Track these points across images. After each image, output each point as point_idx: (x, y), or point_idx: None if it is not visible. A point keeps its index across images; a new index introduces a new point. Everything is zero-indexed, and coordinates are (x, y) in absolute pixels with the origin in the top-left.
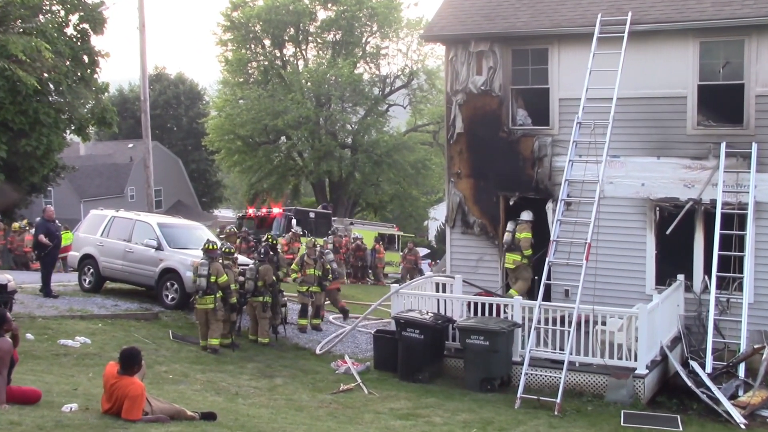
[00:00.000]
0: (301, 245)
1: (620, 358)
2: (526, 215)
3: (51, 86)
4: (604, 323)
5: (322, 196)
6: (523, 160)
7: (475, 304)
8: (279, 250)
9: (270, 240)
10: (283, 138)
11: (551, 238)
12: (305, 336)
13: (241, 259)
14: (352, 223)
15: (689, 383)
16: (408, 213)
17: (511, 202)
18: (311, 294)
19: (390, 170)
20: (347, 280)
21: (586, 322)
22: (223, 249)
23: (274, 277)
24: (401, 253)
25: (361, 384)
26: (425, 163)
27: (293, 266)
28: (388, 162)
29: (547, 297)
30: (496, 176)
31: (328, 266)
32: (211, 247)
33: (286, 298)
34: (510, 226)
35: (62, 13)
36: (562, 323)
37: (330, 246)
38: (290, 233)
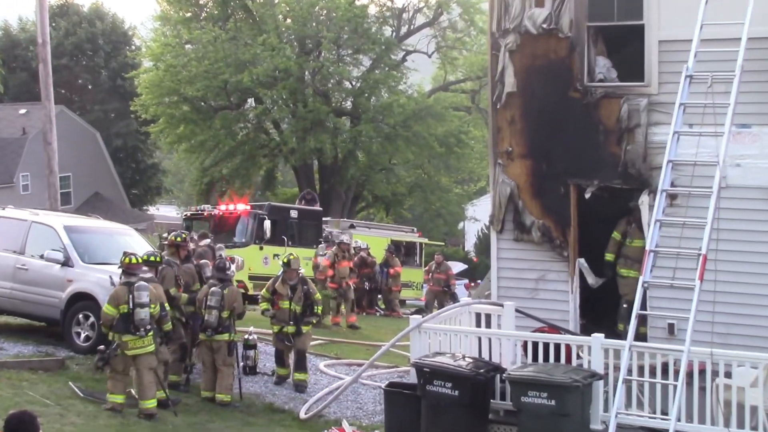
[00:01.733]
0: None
1: (754, 428)
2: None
3: None
4: (728, 375)
5: (308, 185)
6: (605, 133)
7: (535, 344)
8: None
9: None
10: (250, 101)
11: (647, 247)
12: (283, 391)
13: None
14: (352, 226)
15: None
16: (435, 211)
17: (586, 195)
18: (287, 337)
19: (408, 148)
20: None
21: (701, 372)
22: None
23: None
24: (425, 270)
25: None
26: (460, 138)
27: (263, 292)
28: (406, 136)
29: (641, 336)
30: (564, 156)
31: (313, 297)
32: (154, 259)
33: (254, 336)
34: (622, 226)
35: None
36: (665, 374)
37: (321, 258)
38: (337, 245)
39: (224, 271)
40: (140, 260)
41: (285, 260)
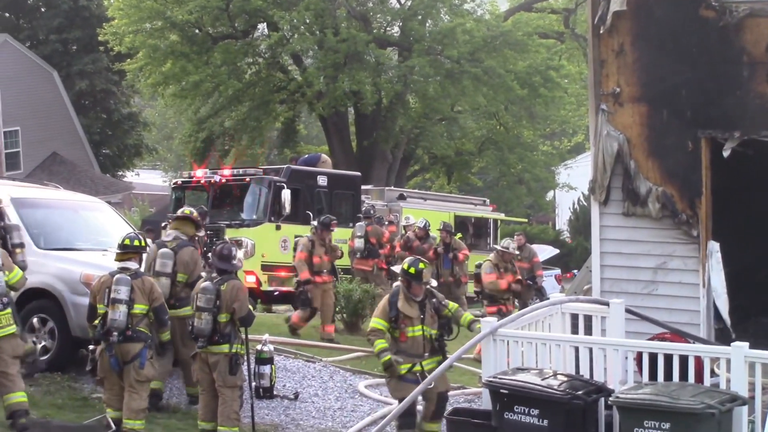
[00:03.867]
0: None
1: None
2: None
3: None
4: None
5: (341, 142)
6: (751, 66)
7: (653, 357)
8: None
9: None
10: (261, 28)
11: None
12: (309, 420)
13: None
14: (402, 197)
15: None
16: (515, 176)
17: (725, 152)
18: (424, 377)
19: (478, 90)
20: None
21: None
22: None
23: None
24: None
25: None
26: (548, 76)
27: (375, 323)
28: (474, 73)
29: None
30: (693, 99)
31: (448, 310)
32: (138, 243)
33: (270, 347)
34: None
35: None
36: None
37: (358, 241)
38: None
39: (229, 259)
40: (142, 244)
41: (413, 270)
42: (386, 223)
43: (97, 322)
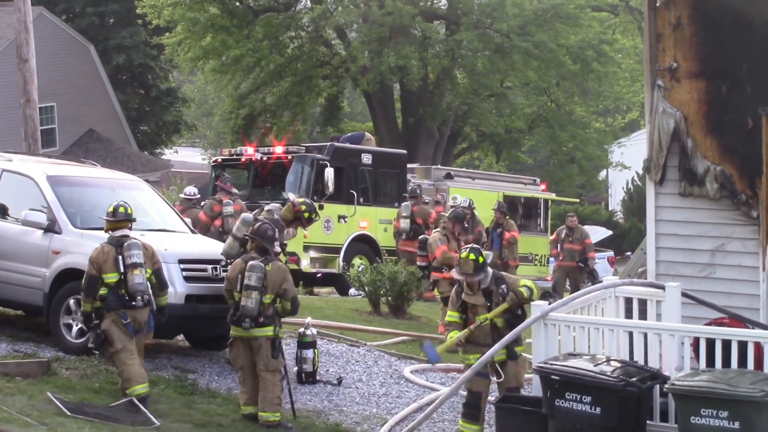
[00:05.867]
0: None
1: None
2: None
3: None
4: None
5: (386, 120)
6: None
7: (711, 342)
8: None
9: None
10: (304, 1)
11: None
12: (353, 406)
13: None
14: (449, 176)
15: None
16: (566, 154)
17: None
18: (495, 369)
19: (528, 65)
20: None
21: None
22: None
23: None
24: (551, 239)
25: None
26: (602, 50)
27: (450, 316)
28: (525, 47)
29: None
30: (755, 74)
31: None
32: (130, 211)
33: (313, 331)
34: None
35: None
36: None
37: (403, 221)
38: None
39: (272, 240)
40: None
41: (480, 259)
42: (431, 202)
43: (104, 292)
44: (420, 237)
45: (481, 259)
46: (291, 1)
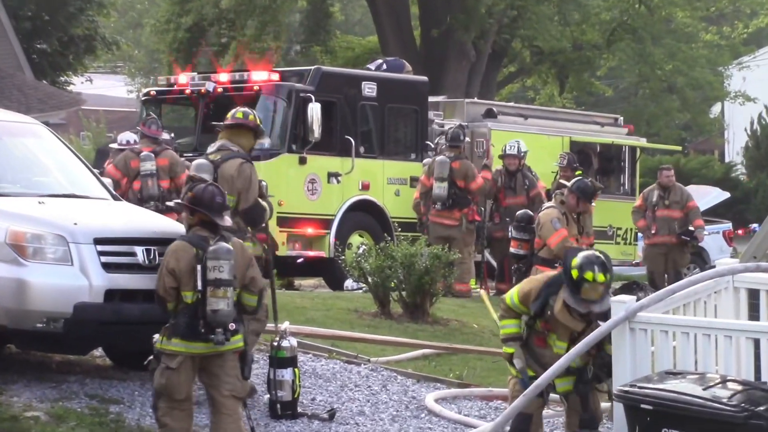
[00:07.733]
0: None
1: None
2: None
3: None
4: None
5: (397, 31)
6: None
7: None
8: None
9: None
10: None
11: None
12: None
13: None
14: (490, 113)
15: None
16: (663, 80)
17: None
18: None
19: None
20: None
21: None
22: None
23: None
24: (636, 204)
25: None
26: None
27: (511, 299)
28: None
29: None
30: None
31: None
32: None
33: (291, 342)
34: None
35: None
36: None
37: (437, 184)
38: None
39: (221, 208)
40: None
41: (576, 274)
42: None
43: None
44: (519, 213)
45: (609, 277)
46: None
